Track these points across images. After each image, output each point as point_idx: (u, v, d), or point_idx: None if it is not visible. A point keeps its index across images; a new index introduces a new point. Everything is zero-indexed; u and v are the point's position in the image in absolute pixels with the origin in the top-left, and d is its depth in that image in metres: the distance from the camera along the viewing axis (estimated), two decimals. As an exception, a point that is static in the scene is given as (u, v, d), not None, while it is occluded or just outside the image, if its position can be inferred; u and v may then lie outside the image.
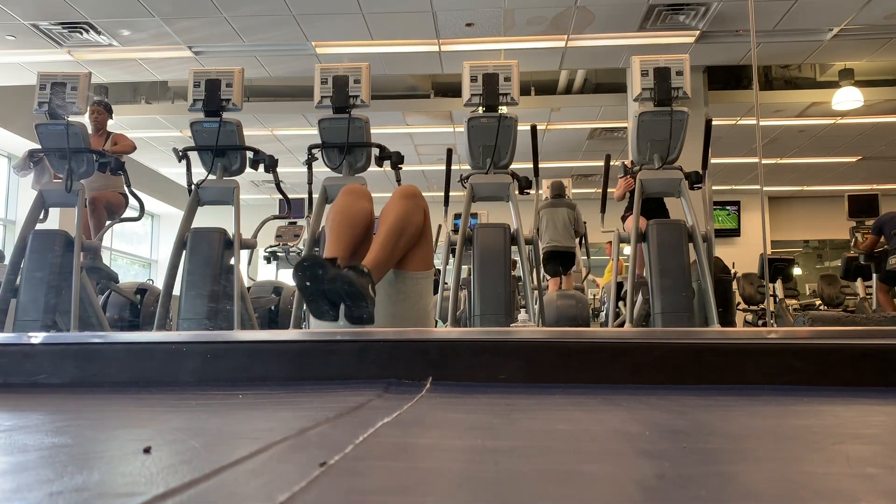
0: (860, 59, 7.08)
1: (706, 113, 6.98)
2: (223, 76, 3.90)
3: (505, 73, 3.82)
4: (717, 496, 0.54)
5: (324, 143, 3.88)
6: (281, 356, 1.44)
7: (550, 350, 1.40)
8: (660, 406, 1.10)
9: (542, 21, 6.02)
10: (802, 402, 1.17)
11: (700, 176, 3.91)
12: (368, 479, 0.57)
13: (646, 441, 0.80)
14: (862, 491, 0.56)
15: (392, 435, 0.80)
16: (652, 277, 3.71)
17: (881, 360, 1.31)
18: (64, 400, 1.28)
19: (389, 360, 1.37)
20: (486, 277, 3.64)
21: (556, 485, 0.57)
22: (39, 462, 0.65)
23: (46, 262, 3.80)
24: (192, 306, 3.64)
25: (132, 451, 0.70)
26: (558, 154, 9.90)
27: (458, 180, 4.00)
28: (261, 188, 11.55)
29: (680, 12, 5.85)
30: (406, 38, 6.39)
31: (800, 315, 5.86)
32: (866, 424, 0.97)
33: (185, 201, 3.95)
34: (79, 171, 4.01)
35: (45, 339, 1.49)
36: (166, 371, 1.43)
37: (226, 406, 1.14)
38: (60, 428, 0.93)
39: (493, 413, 1.04)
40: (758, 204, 11.86)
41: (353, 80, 3.86)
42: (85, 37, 6.24)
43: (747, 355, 1.33)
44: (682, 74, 3.80)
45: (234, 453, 0.68)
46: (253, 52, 6.63)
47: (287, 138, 9.10)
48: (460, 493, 0.55)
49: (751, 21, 4.16)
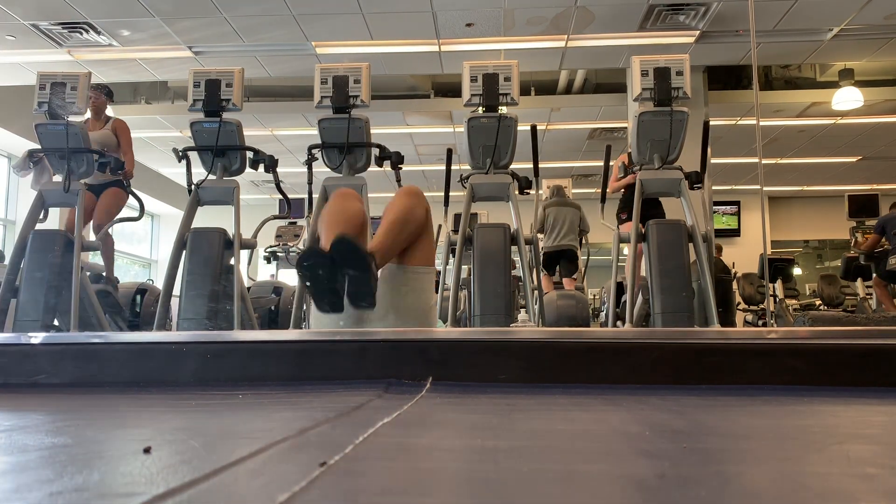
0: (860, 59, 7.08)
1: (705, 113, 6.99)
2: (223, 76, 3.90)
3: (505, 73, 3.82)
4: (717, 496, 0.54)
5: (324, 143, 3.88)
6: (281, 356, 1.44)
7: (550, 350, 1.40)
8: (660, 406, 1.10)
9: (542, 21, 6.02)
10: (802, 402, 1.17)
11: (700, 176, 3.91)
12: (368, 479, 0.57)
13: (646, 441, 0.80)
14: (862, 491, 0.56)
15: (392, 435, 0.80)
16: (652, 277, 3.71)
17: (881, 360, 1.31)
18: (64, 400, 1.28)
19: (389, 360, 1.37)
20: (486, 277, 3.64)
21: (556, 485, 0.57)
22: (39, 462, 0.65)
23: (46, 262, 3.80)
24: (192, 306, 3.64)
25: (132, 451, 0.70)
26: (558, 154, 9.90)
27: (458, 180, 4.00)
28: (261, 188, 11.55)
29: (680, 12, 5.85)
30: (406, 38, 6.39)
31: (800, 315, 5.86)
32: (866, 424, 0.97)
33: (185, 201, 3.95)
34: (78, 171, 4.01)
35: (45, 339, 1.49)
36: (166, 371, 1.43)
37: (226, 406, 1.14)
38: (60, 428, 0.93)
39: (493, 413, 1.04)
40: (758, 204, 11.86)
41: (353, 80, 3.86)
42: (85, 37, 6.24)
43: (747, 355, 1.33)
44: (682, 74, 3.80)
45: (234, 453, 0.68)
46: (253, 52, 6.63)
47: (287, 138, 9.10)
48: (460, 493, 0.55)
49: (751, 21, 4.16)
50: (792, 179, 11.40)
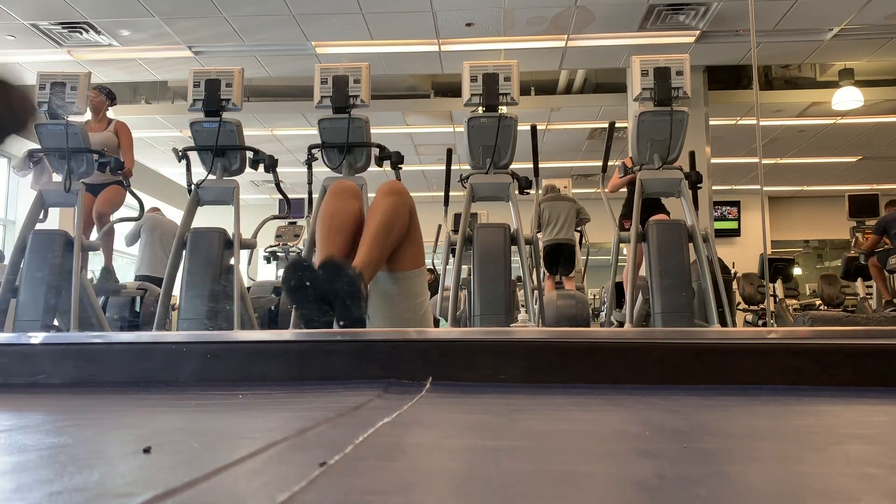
0: (860, 59, 7.08)
1: (705, 112, 6.98)
2: (223, 76, 3.90)
3: (505, 73, 3.82)
4: (717, 496, 0.54)
5: (324, 143, 3.88)
6: (281, 356, 1.44)
7: (550, 350, 1.40)
8: (660, 406, 1.10)
9: (542, 21, 6.02)
10: (802, 402, 1.17)
11: (700, 176, 3.92)
12: (368, 479, 0.57)
13: (646, 441, 0.80)
14: (862, 491, 0.56)
15: (392, 435, 0.80)
16: (652, 277, 3.71)
17: (881, 360, 1.31)
18: (64, 400, 1.28)
19: (389, 360, 1.37)
20: (486, 277, 3.64)
21: (556, 485, 0.57)
22: (39, 462, 0.65)
23: (46, 262, 3.80)
24: (192, 306, 3.64)
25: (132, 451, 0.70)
26: (558, 154, 9.90)
27: (458, 180, 4.00)
28: (261, 188, 11.55)
29: (680, 12, 5.85)
30: (406, 37, 6.39)
31: (800, 315, 5.86)
32: (867, 424, 0.97)
33: (185, 201, 3.95)
34: (78, 170, 4.01)
35: (45, 339, 1.49)
36: (166, 371, 1.42)
37: (226, 406, 1.14)
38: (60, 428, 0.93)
39: (493, 413, 1.04)
40: (758, 204, 11.86)
41: (352, 80, 3.86)
42: (85, 37, 6.24)
43: (747, 355, 1.33)
44: (682, 74, 3.80)
45: (234, 453, 0.68)
46: (253, 52, 6.63)
47: (287, 138, 9.10)
48: (460, 494, 0.55)
49: (751, 21, 4.15)
50: (792, 179, 11.40)
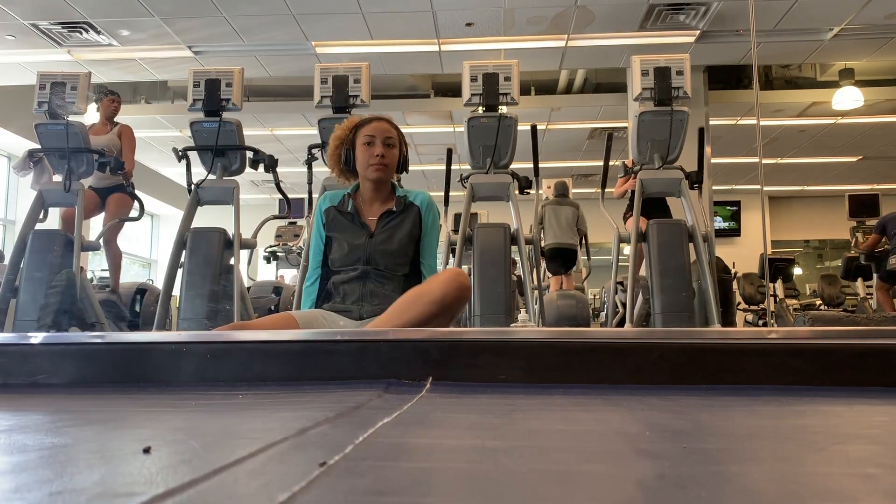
0: (860, 59, 7.08)
1: (706, 112, 6.98)
2: (223, 76, 3.91)
3: (505, 73, 3.82)
4: (717, 496, 0.54)
5: (324, 142, 3.88)
6: (281, 356, 1.44)
7: (550, 350, 1.40)
8: (660, 406, 1.10)
9: (542, 21, 6.02)
10: (802, 402, 1.17)
11: (700, 175, 3.91)
12: (368, 479, 0.57)
13: (646, 441, 0.80)
14: (862, 491, 0.56)
15: (392, 435, 0.80)
16: (652, 277, 3.71)
17: (881, 360, 1.31)
18: (64, 400, 1.28)
19: (389, 360, 1.37)
20: (486, 277, 3.64)
21: (556, 485, 0.57)
22: (39, 462, 0.65)
23: (46, 262, 3.80)
24: (192, 306, 3.64)
25: (132, 451, 0.70)
26: (558, 154, 9.90)
27: (458, 180, 4.00)
28: (261, 188, 11.55)
29: (680, 12, 5.85)
30: (406, 37, 6.39)
31: (800, 315, 5.86)
32: (867, 424, 0.97)
33: (185, 201, 3.95)
34: (78, 170, 4.01)
35: (45, 339, 1.49)
36: (166, 371, 1.42)
37: (226, 406, 1.14)
38: (60, 428, 0.93)
39: (493, 413, 1.04)
40: (758, 204, 11.85)
41: (352, 80, 3.86)
42: (85, 37, 6.24)
43: (747, 355, 1.33)
44: (683, 74, 3.80)
45: (234, 453, 0.68)
46: (253, 52, 6.63)
47: (287, 138, 9.10)
48: (460, 493, 0.55)
49: (751, 21, 4.15)
50: (792, 179, 11.40)
